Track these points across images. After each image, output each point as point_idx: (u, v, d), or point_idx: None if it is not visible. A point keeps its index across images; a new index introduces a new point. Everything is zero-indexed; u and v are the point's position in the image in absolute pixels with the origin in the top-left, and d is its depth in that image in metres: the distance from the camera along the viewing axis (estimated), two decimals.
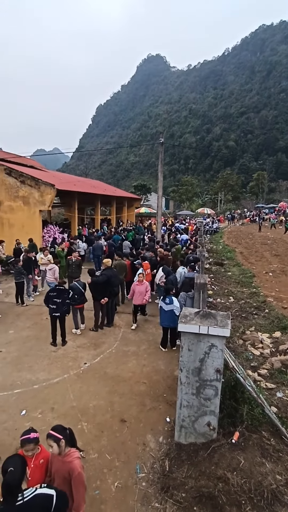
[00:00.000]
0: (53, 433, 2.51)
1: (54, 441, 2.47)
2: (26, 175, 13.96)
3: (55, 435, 2.49)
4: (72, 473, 2.43)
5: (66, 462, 2.48)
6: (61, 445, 2.47)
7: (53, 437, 2.48)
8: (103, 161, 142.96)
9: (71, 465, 2.45)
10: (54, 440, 2.47)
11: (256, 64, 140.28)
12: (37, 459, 2.61)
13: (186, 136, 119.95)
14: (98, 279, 7.44)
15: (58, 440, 2.47)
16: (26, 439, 2.55)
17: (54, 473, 2.57)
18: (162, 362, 6.16)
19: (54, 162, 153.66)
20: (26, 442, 2.55)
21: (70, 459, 2.48)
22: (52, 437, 2.49)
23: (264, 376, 5.48)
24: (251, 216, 42.22)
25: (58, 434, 2.49)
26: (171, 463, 3.62)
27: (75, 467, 2.44)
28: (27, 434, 2.58)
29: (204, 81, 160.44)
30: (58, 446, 2.46)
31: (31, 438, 2.55)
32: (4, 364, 6.02)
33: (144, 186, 47.62)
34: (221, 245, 21.39)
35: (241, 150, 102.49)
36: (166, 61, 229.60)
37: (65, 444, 2.50)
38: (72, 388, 5.23)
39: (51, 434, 2.50)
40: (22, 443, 2.56)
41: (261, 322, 7.90)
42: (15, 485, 1.97)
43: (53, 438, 2.48)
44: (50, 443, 2.47)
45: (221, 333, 3.51)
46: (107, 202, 26.06)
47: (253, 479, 3.17)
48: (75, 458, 2.50)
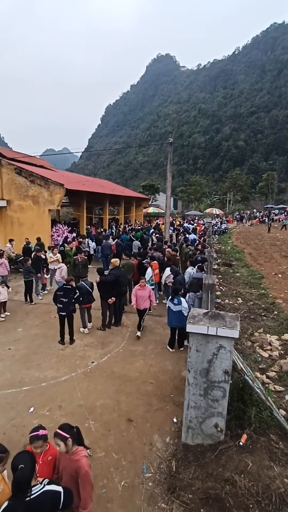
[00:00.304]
0: (60, 432, 2.51)
1: (61, 440, 2.48)
2: (35, 175, 14.11)
3: (62, 434, 2.50)
4: (79, 471, 2.44)
5: (73, 460, 2.49)
6: (68, 444, 2.48)
7: (60, 436, 2.49)
8: (111, 161, 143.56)
9: (78, 463, 2.46)
10: (61, 439, 2.48)
11: (267, 63, 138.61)
12: (45, 456, 2.63)
13: (195, 136, 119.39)
14: (107, 279, 7.47)
15: (65, 439, 2.48)
16: (35, 436, 2.57)
17: (61, 470, 2.59)
18: (169, 363, 6.14)
19: (63, 162, 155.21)
20: (35, 439, 2.57)
21: (78, 457, 2.49)
22: (59, 436, 2.49)
23: (272, 378, 5.42)
24: (260, 217, 41.74)
25: (65, 433, 2.50)
26: (178, 464, 3.61)
27: (82, 465, 2.45)
28: (36, 431, 2.60)
29: (214, 81, 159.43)
30: (65, 445, 2.47)
31: (39, 435, 2.57)
32: (13, 362, 6.10)
33: (153, 186, 47.59)
34: (229, 245, 21.22)
35: (251, 150, 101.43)
36: (176, 60, 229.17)
37: (72, 442, 2.51)
38: (79, 387, 5.26)
39: (58, 433, 2.51)
40: (31, 440, 2.58)
41: (270, 324, 7.81)
42: (26, 482, 1.99)
43: (60, 437, 2.49)
44: (57, 442, 2.48)
45: (230, 334, 3.48)
46: (115, 201, 26.16)
47: (261, 482, 3.13)
48: (82, 456, 2.50)
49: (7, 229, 14.49)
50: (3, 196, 14.28)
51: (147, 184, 48.34)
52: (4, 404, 4.82)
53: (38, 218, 14.19)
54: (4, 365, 5.95)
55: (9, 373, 5.70)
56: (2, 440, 3.81)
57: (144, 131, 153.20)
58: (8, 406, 4.78)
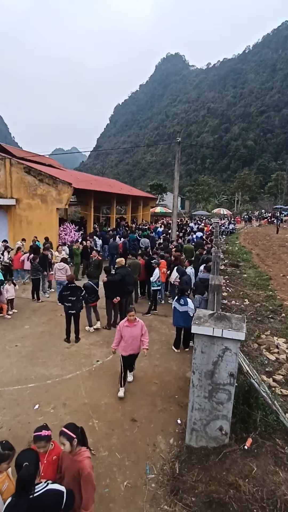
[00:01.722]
0: (67, 431, 2.51)
1: (67, 439, 2.48)
2: (44, 174, 14.22)
3: (69, 433, 2.50)
4: (82, 472, 2.44)
5: (76, 461, 2.49)
6: (73, 444, 2.48)
7: (66, 435, 2.49)
8: (119, 161, 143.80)
9: (81, 464, 2.46)
10: (67, 439, 2.48)
11: (277, 62, 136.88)
12: (50, 456, 2.63)
13: (203, 136, 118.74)
14: (114, 278, 7.46)
15: (71, 439, 2.48)
16: (38, 436, 2.58)
17: (64, 470, 2.59)
18: (174, 363, 6.11)
19: (72, 161, 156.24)
20: (38, 440, 2.58)
21: (80, 458, 2.49)
22: (65, 435, 2.49)
23: (279, 382, 5.33)
24: (268, 218, 41.25)
25: (71, 433, 2.50)
26: (181, 466, 3.58)
27: (84, 466, 2.45)
28: (39, 431, 2.60)
29: (223, 80, 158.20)
30: (70, 445, 2.47)
31: (42, 436, 2.58)
32: (19, 358, 6.16)
33: (160, 185, 47.47)
34: (237, 246, 21.02)
35: (260, 150, 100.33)
36: (185, 60, 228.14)
37: (77, 443, 2.51)
38: (84, 385, 5.28)
39: (65, 432, 2.51)
40: (34, 439, 2.60)
41: (277, 326, 7.70)
42: (30, 480, 2.00)
43: (66, 437, 2.49)
44: (63, 441, 2.49)
45: (236, 336, 3.44)
46: (122, 201, 26.18)
47: (266, 487, 3.08)
48: (85, 457, 2.50)
49: (15, 227, 14.65)
50: (12, 195, 14.44)
51: (155, 183, 48.26)
52: (10, 400, 4.87)
53: (46, 217, 14.30)
54: (10, 362, 6.01)
55: (15, 369, 5.75)
56: (7, 437, 3.86)
57: (152, 131, 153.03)
58: (13, 402, 4.82)
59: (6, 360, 6.08)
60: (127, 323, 5.05)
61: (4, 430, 4.21)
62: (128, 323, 5.04)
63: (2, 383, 5.32)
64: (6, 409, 4.66)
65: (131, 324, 5.04)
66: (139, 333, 5.06)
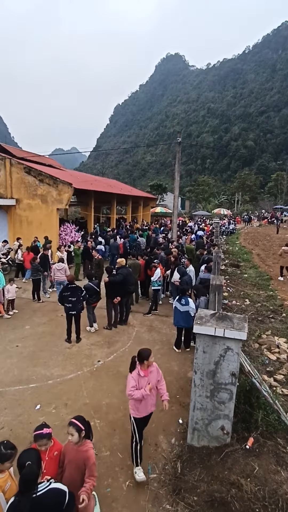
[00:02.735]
0: (77, 422, 2.63)
1: (76, 430, 2.60)
2: (44, 174, 14.22)
3: (79, 424, 2.62)
4: (88, 462, 2.60)
5: (81, 451, 2.62)
6: (81, 435, 2.61)
7: (76, 426, 2.61)
8: (119, 161, 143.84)
9: (87, 454, 2.61)
10: (76, 430, 2.60)
11: (277, 62, 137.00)
12: (51, 452, 2.68)
13: (203, 136, 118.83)
14: (116, 279, 7.47)
15: (80, 430, 2.61)
16: (39, 435, 2.61)
17: (66, 463, 2.66)
18: (175, 363, 6.12)
19: (72, 162, 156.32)
20: (39, 438, 2.60)
21: (86, 448, 2.64)
22: (75, 426, 2.61)
23: (280, 381, 5.34)
24: (268, 218, 41.27)
25: (81, 424, 2.62)
26: (183, 466, 3.59)
27: (91, 456, 2.61)
28: (40, 429, 2.64)
29: (223, 80, 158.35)
30: (78, 436, 2.59)
31: (43, 434, 2.61)
32: (21, 359, 6.16)
33: (160, 185, 47.47)
34: (237, 246, 21.03)
35: (260, 150, 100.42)
36: (185, 60, 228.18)
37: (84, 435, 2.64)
38: (85, 385, 5.28)
39: (75, 423, 2.63)
40: (35, 438, 2.62)
41: (278, 326, 7.70)
42: (33, 479, 2.01)
43: (76, 428, 2.61)
44: (72, 432, 2.59)
45: (238, 336, 3.44)
46: (123, 201, 26.19)
47: (268, 487, 3.08)
48: (90, 448, 2.67)
49: (16, 227, 14.66)
50: (12, 195, 14.44)
51: (155, 183, 48.25)
52: (12, 400, 4.88)
53: (47, 217, 14.30)
54: (12, 362, 6.01)
55: (16, 370, 5.76)
56: (9, 437, 3.87)
57: (152, 131, 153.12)
58: (15, 402, 4.83)
59: (7, 360, 6.09)
60: (143, 372, 3.53)
61: (5, 430, 4.22)
62: (143, 371, 3.54)
63: (3, 383, 5.32)
64: (8, 409, 4.66)
65: (146, 372, 3.56)
66: (155, 381, 3.63)
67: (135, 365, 3.58)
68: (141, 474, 3.48)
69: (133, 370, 3.57)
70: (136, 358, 3.59)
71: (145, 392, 3.37)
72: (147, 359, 3.52)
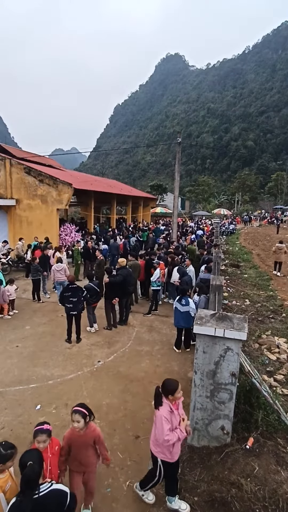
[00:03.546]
0: (81, 409, 2.77)
1: (82, 416, 2.73)
2: (44, 174, 14.24)
3: (84, 411, 2.76)
4: (99, 438, 2.87)
5: (89, 433, 2.80)
6: (86, 420, 2.76)
7: (82, 413, 2.75)
8: (119, 161, 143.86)
9: (95, 432, 2.84)
10: (82, 416, 2.73)
11: (277, 62, 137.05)
12: (52, 448, 2.74)
13: (203, 136, 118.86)
14: (116, 279, 7.47)
15: (85, 416, 2.75)
16: (40, 430, 2.62)
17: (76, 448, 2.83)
18: (175, 363, 6.12)
19: (72, 162, 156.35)
20: (39, 432, 2.61)
21: (93, 428, 2.84)
22: (80, 413, 2.74)
23: (280, 381, 5.35)
24: (268, 218, 41.29)
25: (85, 410, 2.78)
26: (183, 466, 3.59)
27: (99, 432, 2.88)
28: (41, 425, 2.67)
29: (223, 80, 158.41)
30: (84, 422, 2.72)
31: (44, 429, 2.63)
32: (21, 359, 6.17)
33: (160, 186, 47.53)
34: (237, 246, 21.04)
35: (260, 150, 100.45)
36: (185, 60, 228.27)
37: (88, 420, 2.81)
38: (85, 385, 5.29)
39: (80, 410, 2.75)
40: (36, 433, 2.62)
41: (278, 327, 7.71)
42: (34, 479, 2.01)
43: (81, 414, 2.74)
44: (78, 419, 2.71)
45: (238, 336, 3.45)
46: (123, 201, 26.21)
47: (268, 487, 3.09)
48: (95, 427, 2.90)
49: (16, 228, 14.68)
50: (12, 195, 14.47)
51: (155, 184, 48.31)
52: (12, 400, 4.88)
53: (46, 217, 14.32)
54: (12, 362, 6.02)
55: (16, 370, 5.76)
56: (9, 437, 3.87)
57: (152, 131, 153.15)
58: (15, 402, 4.83)
59: (7, 360, 6.09)
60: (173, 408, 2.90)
61: (6, 431, 4.22)
62: (174, 406, 2.92)
63: (3, 383, 5.33)
64: (8, 409, 4.67)
65: (176, 405, 2.97)
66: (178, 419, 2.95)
67: (161, 399, 2.89)
68: (151, 496, 3.22)
69: (159, 405, 2.87)
70: (161, 389, 2.94)
71: (183, 434, 2.79)
72: (172, 394, 2.84)
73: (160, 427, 2.79)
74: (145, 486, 3.20)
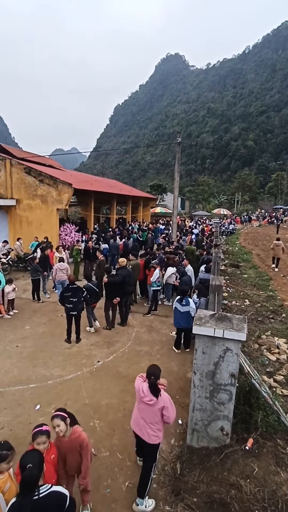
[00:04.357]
0: (59, 413, 2.74)
1: (61, 419, 2.68)
2: (44, 174, 14.23)
3: (62, 414, 2.73)
4: (83, 443, 2.78)
5: (74, 438, 2.76)
6: (67, 423, 2.69)
7: (60, 416, 2.70)
8: (119, 161, 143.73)
9: (80, 437, 2.77)
10: (61, 419, 2.68)
11: (277, 62, 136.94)
12: (48, 455, 2.67)
13: (203, 136, 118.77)
14: (115, 280, 7.47)
15: (65, 418, 2.71)
16: (39, 431, 2.62)
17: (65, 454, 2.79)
18: (175, 364, 6.12)
19: (72, 162, 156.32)
20: (39, 434, 2.61)
21: (78, 433, 2.78)
22: (58, 416, 2.70)
23: (280, 382, 5.34)
24: (268, 218, 41.27)
25: (64, 413, 2.75)
26: (183, 466, 3.59)
27: (84, 438, 2.80)
28: (40, 426, 2.67)
29: (223, 80, 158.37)
30: (65, 424, 2.67)
31: (43, 430, 2.63)
32: (20, 359, 6.16)
33: (160, 186, 47.48)
34: (237, 246, 21.03)
35: (260, 150, 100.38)
36: (185, 60, 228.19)
37: (70, 422, 2.73)
38: (85, 386, 5.29)
39: (57, 414, 2.72)
40: (35, 435, 2.62)
41: (278, 327, 7.70)
42: (34, 481, 2.01)
43: (60, 417, 2.69)
44: (58, 423, 2.66)
45: (237, 337, 3.44)
46: (123, 201, 26.21)
47: (267, 488, 3.08)
48: (81, 431, 2.82)
49: (16, 228, 14.67)
50: (12, 195, 14.46)
51: (155, 184, 48.26)
52: (12, 400, 4.88)
53: (47, 217, 14.31)
54: (11, 362, 6.02)
55: (16, 370, 5.76)
56: (8, 437, 3.87)
57: (152, 131, 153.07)
58: (15, 403, 4.83)
59: (7, 360, 6.09)
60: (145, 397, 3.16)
61: (5, 431, 4.22)
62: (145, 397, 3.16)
63: (3, 383, 5.32)
64: (8, 409, 4.67)
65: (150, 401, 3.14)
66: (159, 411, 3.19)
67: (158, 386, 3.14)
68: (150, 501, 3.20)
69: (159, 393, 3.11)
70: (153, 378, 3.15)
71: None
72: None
73: (171, 407, 3.08)
74: (144, 492, 3.14)
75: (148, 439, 3.12)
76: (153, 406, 3.04)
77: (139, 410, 3.21)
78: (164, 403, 3.06)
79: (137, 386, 3.25)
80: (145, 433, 3.13)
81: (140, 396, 3.14)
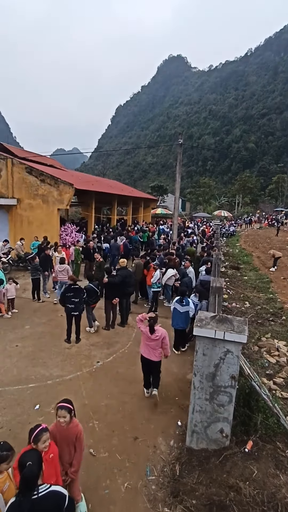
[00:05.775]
0: (67, 405, 2.85)
1: (68, 412, 2.82)
2: (46, 174, 14.24)
3: (69, 406, 2.85)
4: (79, 435, 2.91)
5: (72, 428, 2.89)
6: (71, 415, 2.86)
7: (67, 408, 2.82)
8: (121, 162, 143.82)
9: (77, 428, 2.91)
10: (68, 411, 2.82)
11: (279, 65, 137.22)
12: (47, 454, 2.63)
13: (205, 138, 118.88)
14: (114, 280, 7.46)
15: (71, 411, 2.85)
16: (42, 429, 2.53)
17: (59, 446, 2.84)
18: (174, 365, 6.11)
19: (73, 162, 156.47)
20: (43, 432, 2.53)
21: (76, 424, 2.93)
22: (66, 408, 2.82)
23: (280, 385, 5.34)
24: (269, 220, 41.28)
25: (70, 406, 2.87)
26: (182, 468, 3.58)
27: (81, 429, 2.96)
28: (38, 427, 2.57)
29: (225, 82, 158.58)
30: (70, 417, 2.83)
31: (44, 428, 2.56)
32: (20, 358, 6.15)
33: (161, 187, 47.52)
34: (237, 248, 21.04)
35: (261, 152, 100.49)
36: (187, 61, 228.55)
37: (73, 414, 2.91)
38: (84, 386, 5.28)
39: (66, 406, 2.84)
40: (37, 435, 2.51)
41: (278, 329, 7.70)
42: (33, 480, 2.01)
43: (67, 409, 2.82)
44: (64, 414, 2.80)
45: (238, 339, 3.44)
46: (123, 202, 26.20)
47: (266, 490, 3.07)
48: (78, 423, 2.97)
49: (16, 227, 14.67)
50: (13, 195, 14.47)
51: (156, 185, 48.31)
52: (11, 400, 4.87)
53: (47, 217, 14.32)
54: (11, 362, 6.01)
55: (16, 369, 5.75)
56: (7, 437, 3.86)
57: (153, 132, 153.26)
58: (14, 402, 4.82)
59: (6, 360, 6.08)
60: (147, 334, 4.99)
61: (4, 430, 4.21)
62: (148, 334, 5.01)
63: (3, 383, 5.32)
64: (7, 409, 4.66)
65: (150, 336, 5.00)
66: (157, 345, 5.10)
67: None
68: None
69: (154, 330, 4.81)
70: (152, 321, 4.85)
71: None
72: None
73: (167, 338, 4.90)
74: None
75: (155, 358, 4.86)
76: (156, 341, 4.80)
77: (147, 344, 4.88)
78: (161, 333, 4.80)
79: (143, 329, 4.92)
80: (152, 355, 4.85)
81: (148, 336, 4.83)
